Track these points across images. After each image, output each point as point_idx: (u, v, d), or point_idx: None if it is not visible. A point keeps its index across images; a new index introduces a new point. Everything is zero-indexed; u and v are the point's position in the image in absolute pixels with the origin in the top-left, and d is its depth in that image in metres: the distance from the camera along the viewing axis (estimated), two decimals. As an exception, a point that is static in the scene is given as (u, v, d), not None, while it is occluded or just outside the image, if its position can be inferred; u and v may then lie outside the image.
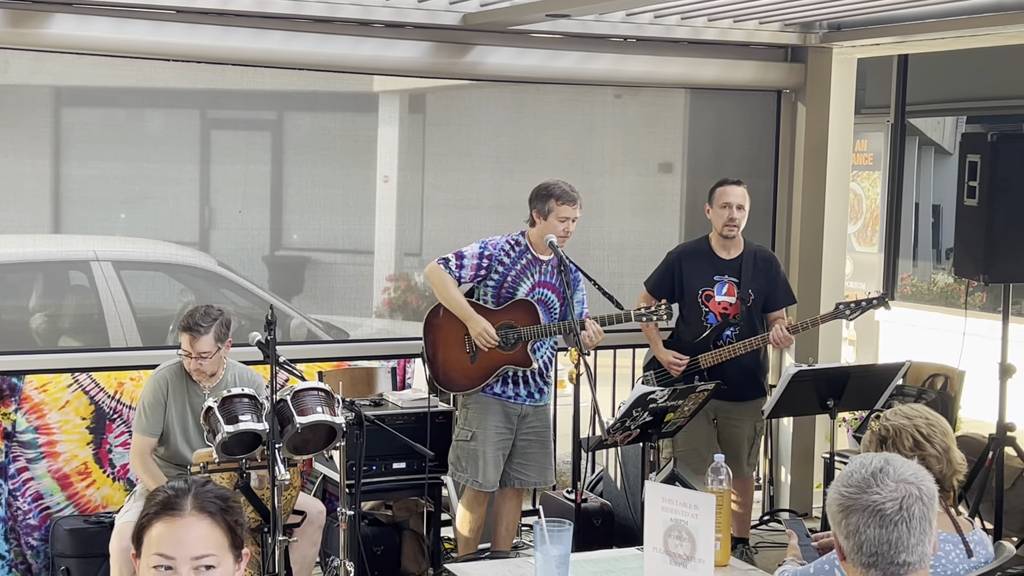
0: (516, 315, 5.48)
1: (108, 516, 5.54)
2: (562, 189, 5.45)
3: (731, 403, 5.69)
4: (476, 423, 5.50)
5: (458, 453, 5.54)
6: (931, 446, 3.31)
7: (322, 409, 4.77)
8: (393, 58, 6.09)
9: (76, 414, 5.76)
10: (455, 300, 5.45)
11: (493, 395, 5.51)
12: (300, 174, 6.22)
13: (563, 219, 5.42)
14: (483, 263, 5.46)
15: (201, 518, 2.40)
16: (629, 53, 6.60)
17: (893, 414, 3.42)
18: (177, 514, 2.39)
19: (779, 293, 6.02)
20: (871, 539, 2.44)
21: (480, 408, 5.51)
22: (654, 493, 3.71)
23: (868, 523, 2.45)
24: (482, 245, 5.49)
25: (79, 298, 5.99)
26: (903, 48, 7.11)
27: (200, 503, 2.41)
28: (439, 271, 5.43)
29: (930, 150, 11.83)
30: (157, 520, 2.40)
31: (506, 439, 5.53)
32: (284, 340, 5.98)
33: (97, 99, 5.90)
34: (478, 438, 5.48)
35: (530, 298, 5.48)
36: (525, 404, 5.55)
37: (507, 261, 5.49)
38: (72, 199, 5.80)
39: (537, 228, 5.49)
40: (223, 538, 2.42)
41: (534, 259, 5.51)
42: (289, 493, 4.80)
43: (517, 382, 5.53)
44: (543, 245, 5.49)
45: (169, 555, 2.37)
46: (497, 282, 5.48)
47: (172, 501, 2.41)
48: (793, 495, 7.11)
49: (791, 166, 7.10)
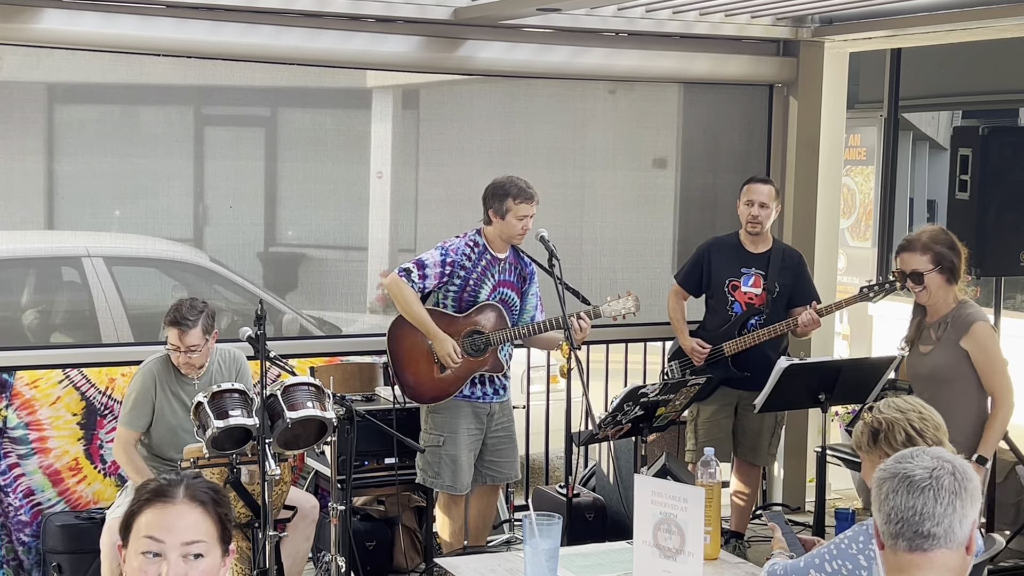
0: (482, 321, 5.38)
1: (99, 512, 5.54)
2: (519, 187, 5.32)
3: (753, 392, 5.70)
4: (446, 427, 5.39)
5: (428, 459, 5.41)
6: (923, 440, 3.30)
7: (313, 404, 4.76)
8: (384, 52, 6.09)
9: (67, 410, 5.75)
10: (418, 316, 5.29)
11: (461, 397, 5.40)
12: (293, 170, 6.22)
13: (521, 217, 5.31)
14: (446, 271, 5.32)
15: (193, 506, 2.40)
16: (621, 48, 6.60)
17: (886, 406, 3.41)
18: (169, 501, 2.39)
19: (805, 290, 6.07)
20: (898, 506, 2.43)
21: (448, 412, 5.40)
22: (644, 486, 3.71)
23: (897, 489, 2.44)
24: (443, 252, 5.34)
25: (71, 294, 5.98)
26: (896, 42, 7.10)
27: (193, 492, 2.41)
28: (400, 285, 5.26)
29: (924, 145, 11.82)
30: (148, 507, 2.40)
31: (477, 440, 5.45)
32: (276, 335, 5.97)
33: (90, 95, 5.89)
34: (449, 442, 5.37)
35: (492, 299, 5.38)
36: (492, 402, 5.47)
37: (468, 265, 5.36)
38: (64, 195, 5.79)
39: (494, 227, 5.37)
40: (213, 528, 2.42)
41: (493, 259, 5.41)
42: (280, 488, 4.80)
43: (484, 381, 5.43)
44: (500, 243, 5.39)
45: (159, 538, 2.36)
46: (459, 287, 5.36)
47: (164, 489, 2.41)
48: (786, 489, 7.11)
49: (783, 160, 7.10)
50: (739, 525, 6.18)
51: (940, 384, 4.83)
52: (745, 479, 6.17)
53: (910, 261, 4.91)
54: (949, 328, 4.87)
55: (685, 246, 6.89)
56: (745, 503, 6.18)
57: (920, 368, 4.99)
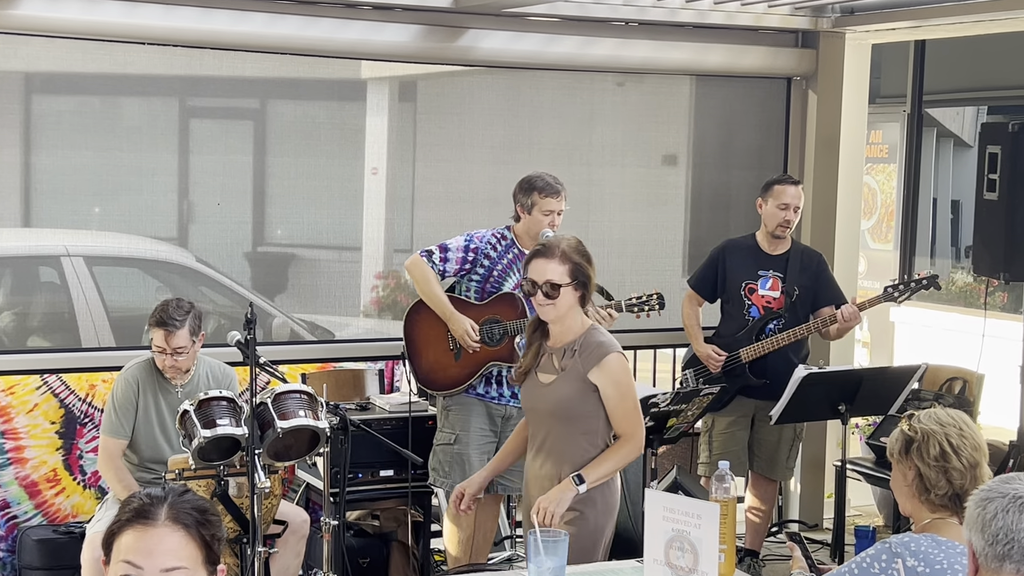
0: (500, 309, 5.46)
1: (78, 526, 5.51)
2: (545, 181, 5.44)
3: (771, 402, 5.67)
4: (459, 425, 5.47)
5: (440, 458, 5.48)
6: (957, 459, 3.28)
7: (305, 413, 4.74)
8: (381, 42, 6.07)
9: (45, 418, 5.73)
10: (436, 297, 5.43)
11: (476, 396, 5.48)
12: (284, 165, 6.20)
13: (547, 212, 5.42)
14: (468, 256, 5.45)
15: (175, 529, 2.37)
16: (631, 38, 6.58)
17: (927, 417, 3.38)
18: (150, 523, 2.36)
19: (828, 290, 6.07)
20: (1008, 525, 2.45)
21: (462, 409, 5.48)
22: (655, 502, 3.68)
23: (1007, 508, 2.46)
24: (467, 238, 5.48)
25: (49, 295, 5.96)
26: (920, 33, 7.08)
27: (176, 513, 2.38)
28: (421, 265, 5.42)
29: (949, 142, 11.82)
30: (129, 528, 2.37)
31: (490, 442, 5.49)
32: (266, 340, 5.96)
33: (69, 85, 5.87)
34: (461, 441, 5.45)
35: (516, 292, 5.45)
36: (509, 405, 5.51)
37: (493, 255, 5.49)
38: (42, 191, 5.77)
39: (523, 223, 5.49)
40: (197, 552, 2.39)
41: (520, 254, 5.48)
42: (270, 502, 4.78)
43: (501, 382, 5.50)
44: (529, 239, 5.46)
45: (137, 564, 2.34)
46: (483, 276, 5.48)
47: (146, 509, 2.38)
48: (803, 506, 7.08)
49: (801, 158, 7.08)
50: (754, 543, 6.16)
51: (562, 421, 4.24)
52: (761, 494, 6.15)
53: (545, 269, 4.19)
54: (577, 357, 4.23)
55: (697, 248, 6.87)
56: (761, 519, 6.16)
57: (539, 402, 4.30)
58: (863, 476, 6.41)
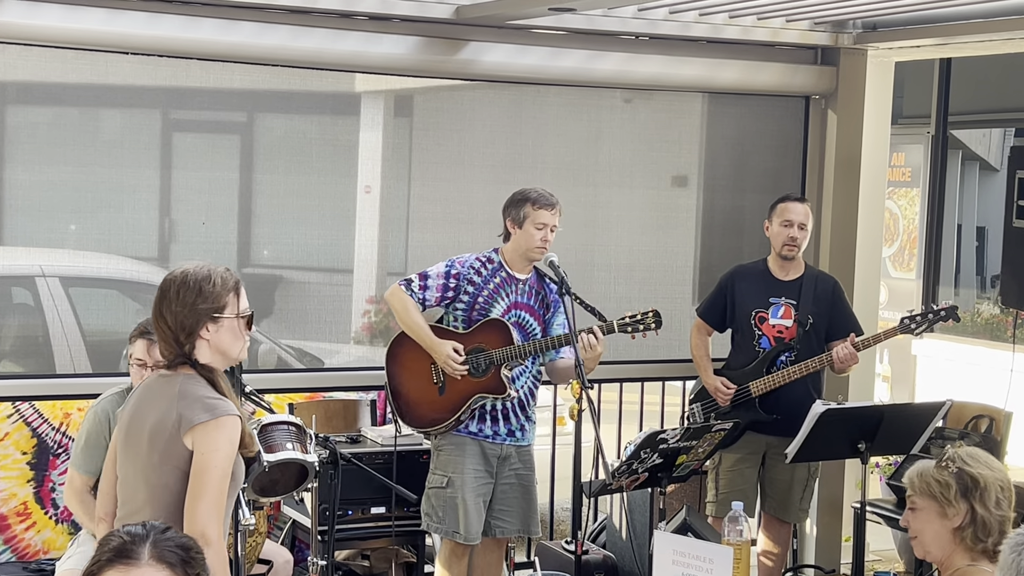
0: (485, 337, 5.43)
1: (49, 563, 5.50)
2: (538, 193, 5.49)
3: (784, 439, 5.69)
4: (451, 467, 5.42)
5: (433, 502, 5.43)
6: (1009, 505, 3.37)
7: (292, 445, 4.75)
8: (378, 54, 6.10)
9: (16, 448, 5.74)
10: (416, 325, 5.41)
11: (469, 434, 5.44)
12: (272, 183, 6.22)
13: (540, 226, 5.42)
14: (450, 283, 5.44)
15: (159, 569, 2.38)
16: (641, 52, 6.61)
17: (971, 458, 3.43)
18: (132, 563, 2.37)
19: (844, 319, 6.08)
20: None
21: (455, 450, 5.43)
22: (664, 544, 3.71)
23: None
24: (448, 264, 5.50)
25: (22, 318, 5.97)
26: (946, 51, 7.12)
27: (159, 552, 2.39)
28: (399, 293, 5.42)
29: (974, 165, 11.87)
30: (109, 568, 2.38)
31: (486, 483, 5.45)
32: (251, 368, 5.95)
33: (46, 96, 5.89)
34: (455, 484, 5.39)
35: (505, 320, 5.45)
36: (506, 444, 5.49)
37: (478, 280, 5.47)
38: (16, 207, 5.78)
39: (513, 240, 5.49)
40: None
41: (509, 277, 5.49)
42: (254, 540, 4.79)
43: (496, 418, 5.46)
44: (519, 261, 5.48)
45: None
46: (468, 304, 5.46)
47: (127, 548, 2.38)
48: (819, 549, 7.08)
49: (820, 180, 7.10)
50: (767, 588, 6.17)
51: None
52: (774, 537, 6.16)
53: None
54: None
55: (708, 274, 6.89)
56: (774, 564, 6.17)
57: None
58: (883, 519, 6.42)
